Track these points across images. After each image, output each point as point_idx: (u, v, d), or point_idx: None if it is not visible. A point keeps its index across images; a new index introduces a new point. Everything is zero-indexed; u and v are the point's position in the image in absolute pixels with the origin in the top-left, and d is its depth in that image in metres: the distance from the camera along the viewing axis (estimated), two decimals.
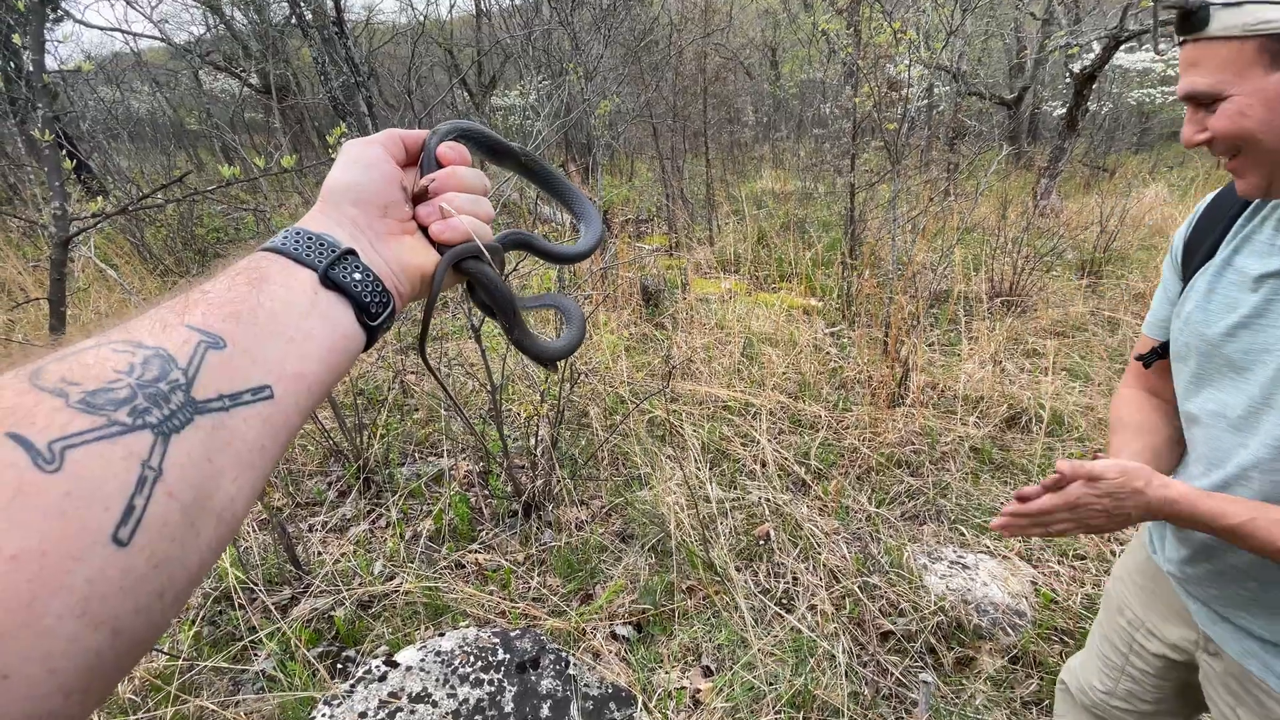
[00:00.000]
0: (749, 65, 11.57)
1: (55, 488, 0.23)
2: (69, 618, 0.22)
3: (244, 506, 0.30)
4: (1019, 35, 10.39)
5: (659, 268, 5.10)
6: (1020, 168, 9.01)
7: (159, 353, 0.28)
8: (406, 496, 2.50)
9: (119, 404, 0.26)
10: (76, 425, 0.24)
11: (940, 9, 4.54)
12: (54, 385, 0.25)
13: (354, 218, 0.42)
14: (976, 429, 2.86)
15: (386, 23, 11.57)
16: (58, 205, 1.51)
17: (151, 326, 0.30)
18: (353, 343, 0.38)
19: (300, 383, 0.34)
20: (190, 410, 0.28)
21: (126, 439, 0.25)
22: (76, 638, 0.22)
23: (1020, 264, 4.33)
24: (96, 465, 0.24)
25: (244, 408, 0.30)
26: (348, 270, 0.38)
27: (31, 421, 0.24)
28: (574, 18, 5.70)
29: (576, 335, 0.59)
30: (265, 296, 0.34)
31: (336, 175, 0.43)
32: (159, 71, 9.97)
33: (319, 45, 5.41)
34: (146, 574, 0.25)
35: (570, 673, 1.63)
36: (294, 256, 0.37)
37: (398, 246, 0.43)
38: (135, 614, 0.24)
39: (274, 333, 0.33)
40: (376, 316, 0.39)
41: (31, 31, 1.58)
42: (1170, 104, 10.94)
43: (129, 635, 0.24)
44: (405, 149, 0.47)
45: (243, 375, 0.31)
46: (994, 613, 1.91)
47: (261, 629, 1.88)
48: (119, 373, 0.27)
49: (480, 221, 0.47)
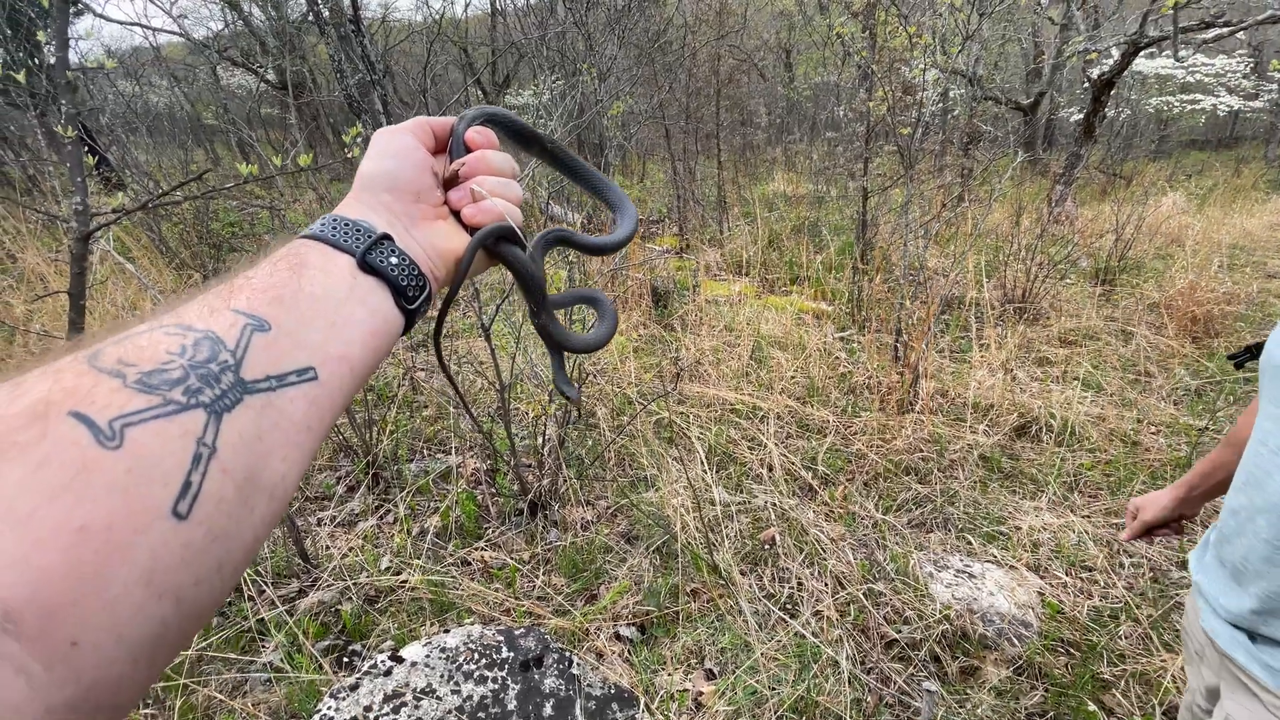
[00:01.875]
0: (763, 67, 11.54)
1: (117, 464, 0.24)
2: (135, 587, 0.23)
3: (293, 483, 0.31)
4: (1036, 40, 10.31)
5: (669, 269, 5.10)
6: (1036, 174, 8.93)
7: (208, 335, 0.29)
8: (414, 493, 2.52)
9: (173, 384, 0.27)
10: (135, 404, 0.25)
11: (957, 13, 4.52)
12: (111, 367, 0.26)
13: (388, 204, 0.43)
14: (986, 437, 2.84)
15: (402, 21, 11.65)
16: (79, 200, 1.53)
17: (200, 311, 0.31)
18: (392, 326, 0.39)
19: (343, 365, 0.34)
20: (240, 390, 0.29)
21: (182, 417, 0.26)
22: (142, 607, 0.23)
23: (1034, 271, 4.30)
24: (155, 442, 0.25)
25: (290, 388, 0.31)
26: (384, 255, 0.39)
27: (92, 401, 0.24)
28: (588, 18, 5.71)
29: (606, 332, 0.59)
30: (306, 281, 0.35)
31: (369, 164, 0.44)
32: (177, 66, 10.08)
33: (335, 43, 5.46)
34: (205, 547, 0.26)
35: (573, 672, 1.64)
36: (332, 242, 0.38)
37: (431, 231, 0.44)
38: (196, 585, 0.26)
39: (316, 316, 0.34)
40: (414, 300, 0.40)
41: (56, 27, 1.61)
42: (1189, 112, 10.80)
43: (190, 605, 0.25)
44: (434, 136, 0.47)
45: (288, 357, 0.32)
46: (1000, 623, 1.89)
47: (270, 621, 1.90)
48: (172, 354, 0.28)
49: (510, 204, 0.47)
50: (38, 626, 0.21)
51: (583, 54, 5.57)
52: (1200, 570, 0.92)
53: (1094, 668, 1.79)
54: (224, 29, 9.77)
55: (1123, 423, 2.96)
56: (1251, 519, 0.78)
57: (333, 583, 2.07)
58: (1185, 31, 5.46)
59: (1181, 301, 4.04)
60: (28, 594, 0.21)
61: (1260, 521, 0.77)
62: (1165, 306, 4.13)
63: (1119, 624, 1.93)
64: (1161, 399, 3.22)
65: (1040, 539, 2.28)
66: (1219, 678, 0.88)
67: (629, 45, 6.66)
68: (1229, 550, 0.83)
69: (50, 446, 0.23)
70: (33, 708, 0.21)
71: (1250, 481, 0.80)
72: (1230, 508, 0.85)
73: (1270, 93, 12.34)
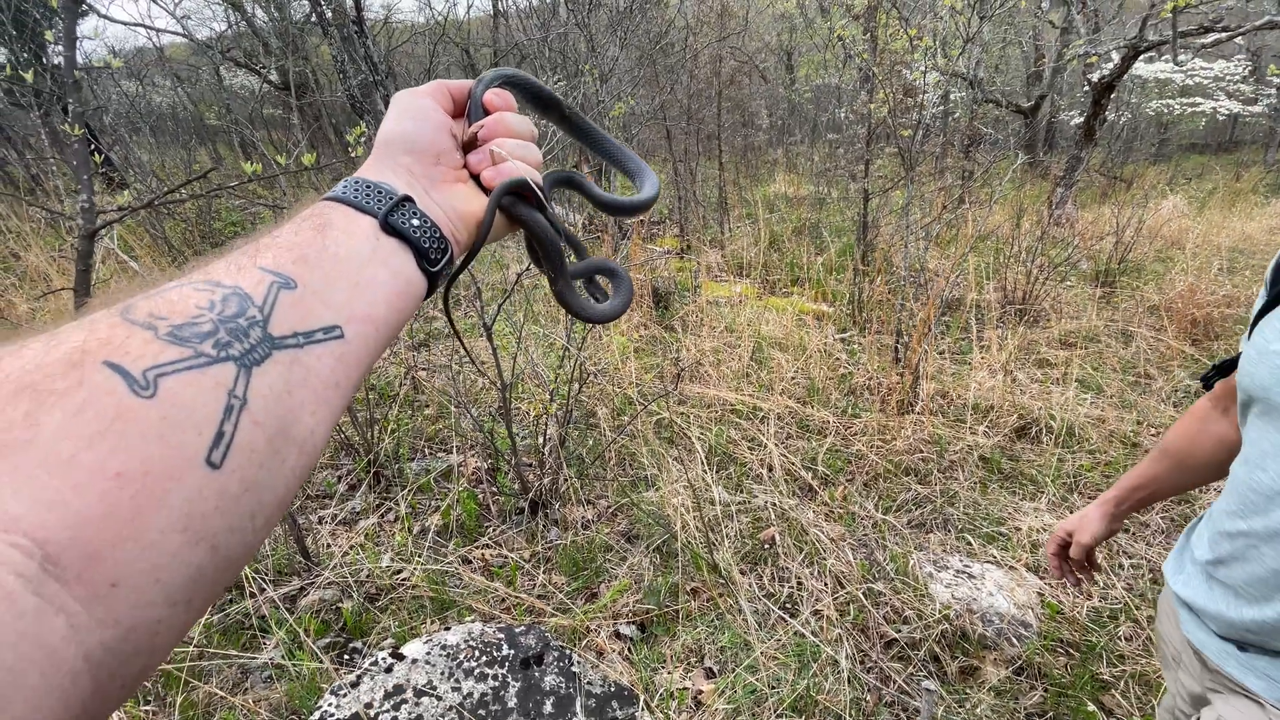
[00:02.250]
0: (764, 69, 11.56)
1: (152, 412, 0.24)
2: (171, 533, 0.24)
3: (323, 438, 0.32)
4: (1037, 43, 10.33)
5: (670, 270, 5.11)
6: (1036, 176, 8.95)
7: (236, 291, 0.30)
8: (415, 491, 2.53)
9: (203, 337, 0.27)
10: (167, 356, 0.26)
11: (958, 16, 4.53)
12: (144, 319, 0.27)
13: (408, 166, 0.43)
14: (986, 438, 2.85)
15: (405, 22, 11.67)
16: (85, 199, 1.54)
17: (227, 268, 0.31)
18: (415, 288, 0.39)
19: (368, 325, 0.35)
20: (268, 345, 0.29)
21: (213, 369, 0.27)
22: (179, 552, 0.24)
23: (1034, 273, 4.31)
24: (188, 393, 0.25)
25: (317, 345, 0.32)
26: (406, 217, 0.39)
27: (126, 351, 0.25)
28: (590, 20, 5.72)
29: (622, 303, 0.58)
30: (330, 241, 0.35)
31: (389, 126, 0.44)
32: (180, 67, 10.11)
33: (338, 43, 5.47)
34: (239, 495, 0.26)
35: (574, 670, 1.65)
36: (354, 204, 0.38)
37: (451, 194, 0.44)
38: (230, 532, 0.26)
39: (340, 276, 0.34)
40: (436, 263, 0.40)
41: (64, 28, 1.62)
42: (1189, 115, 10.82)
43: (225, 553, 0.26)
44: (453, 99, 0.47)
45: (314, 315, 0.32)
46: (999, 623, 1.90)
47: (271, 618, 1.91)
48: (201, 309, 0.28)
49: (529, 167, 0.47)
50: (78, 568, 0.21)
51: (585, 55, 5.58)
52: (1185, 585, 0.89)
53: (1093, 668, 1.80)
54: (227, 30, 9.79)
55: (1123, 424, 2.96)
56: (1255, 547, 0.75)
57: (334, 580, 2.07)
58: (1184, 36, 5.48)
59: (1181, 304, 4.05)
60: (68, 536, 0.21)
61: (1266, 550, 0.74)
62: (1165, 309, 4.14)
63: (1118, 624, 1.94)
64: (1161, 401, 3.23)
65: (1040, 540, 2.28)
66: (1202, 685, 0.86)
67: (631, 47, 6.67)
68: (1225, 573, 0.81)
69: (87, 394, 0.23)
70: (69, 651, 0.21)
71: (1250, 508, 0.76)
72: (1225, 531, 0.81)
73: (1269, 97, 12.35)
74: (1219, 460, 0.98)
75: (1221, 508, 0.83)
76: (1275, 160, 11.98)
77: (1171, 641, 0.94)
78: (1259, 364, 0.75)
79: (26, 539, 0.21)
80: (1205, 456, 0.99)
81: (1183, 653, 0.91)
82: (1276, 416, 0.73)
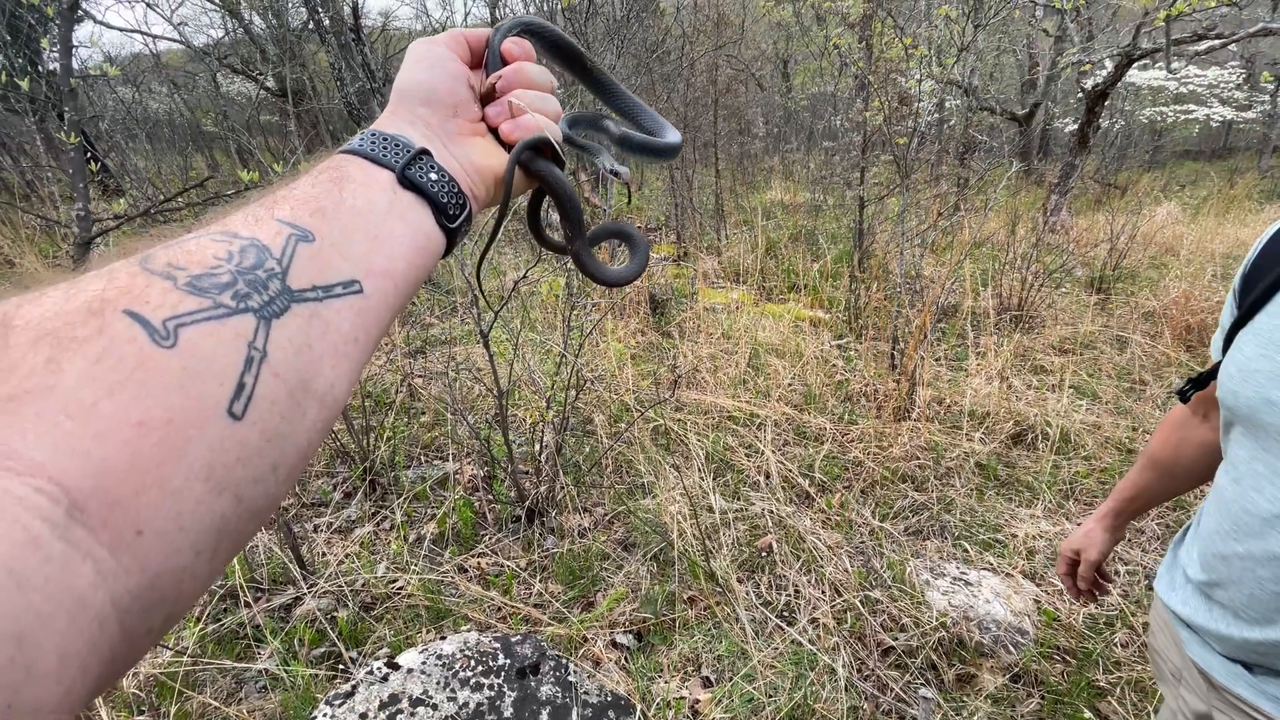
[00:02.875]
0: (760, 77, 11.62)
1: (173, 362, 0.24)
2: (195, 481, 0.24)
3: (344, 393, 0.31)
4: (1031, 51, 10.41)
5: (667, 277, 5.11)
6: (1031, 184, 9.00)
7: (254, 242, 0.30)
8: (411, 499, 2.52)
9: (222, 288, 0.27)
10: (187, 306, 0.26)
11: (952, 24, 4.57)
12: (162, 269, 0.26)
13: (425, 118, 0.42)
14: (982, 445, 2.86)
15: (402, 29, 11.71)
16: (81, 206, 1.54)
17: (245, 220, 0.31)
18: (433, 243, 0.38)
19: (387, 280, 0.34)
20: (287, 298, 0.29)
21: (232, 321, 0.26)
22: (203, 500, 0.24)
23: (1029, 280, 4.32)
24: (208, 343, 0.25)
25: (336, 299, 0.31)
26: (424, 170, 0.38)
27: (146, 300, 0.25)
28: (587, 28, 5.75)
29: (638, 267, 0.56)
30: (348, 194, 0.35)
31: (405, 75, 0.42)
32: (177, 73, 10.12)
33: (336, 51, 5.49)
34: (261, 447, 0.26)
35: (570, 680, 1.64)
36: (371, 157, 0.37)
37: (469, 148, 0.43)
38: (254, 483, 0.26)
39: (358, 229, 0.34)
40: (455, 219, 0.39)
41: (60, 35, 1.62)
42: (1182, 122, 10.91)
43: (248, 504, 0.26)
44: (470, 49, 0.46)
45: (333, 268, 0.32)
46: (996, 630, 1.90)
47: (265, 628, 1.89)
48: (219, 259, 0.28)
49: (548, 119, 0.46)
50: (103, 515, 0.21)
51: None
52: (1184, 604, 0.86)
53: (1090, 675, 1.80)
54: (224, 36, 9.81)
55: (1118, 431, 2.97)
56: (1252, 570, 0.73)
57: (329, 589, 2.06)
58: (1178, 44, 5.53)
59: (1176, 310, 4.07)
60: (92, 484, 0.21)
61: (1264, 573, 0.72)
62: (1160, 315, 4.16)
63: (1114, 631, 1.94)
64: (1156, 407, 3.24)
65: (1036, 546, 2.28)
66: (1208, 704, 0.84)
67: (628, 55, 6.70)
68: (1223, 594, 0.79)
69: (107, 342, 0.23)
70: (97, 596, 0.21)
71: (1244, 531, 0.74)
72: (1218, 553, 0.78)
73: (1263, 104, 12.47)
74: (1205, 465, 0.98)
75: (1212, 527, 0.80)
76: (1269, 167, 12.08)
77: (1170, 658, 0.92)
78: (1242, 383, 0.73)
79: (53, 485, 0.20)
80: (1190, 464, 0.99)
81: (1185, 670, 0.88)
82: (1265, 436, 0.71)
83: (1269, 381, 0.70)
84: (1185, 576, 0.87)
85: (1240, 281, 0.80)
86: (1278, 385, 0.69)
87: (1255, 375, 0.72)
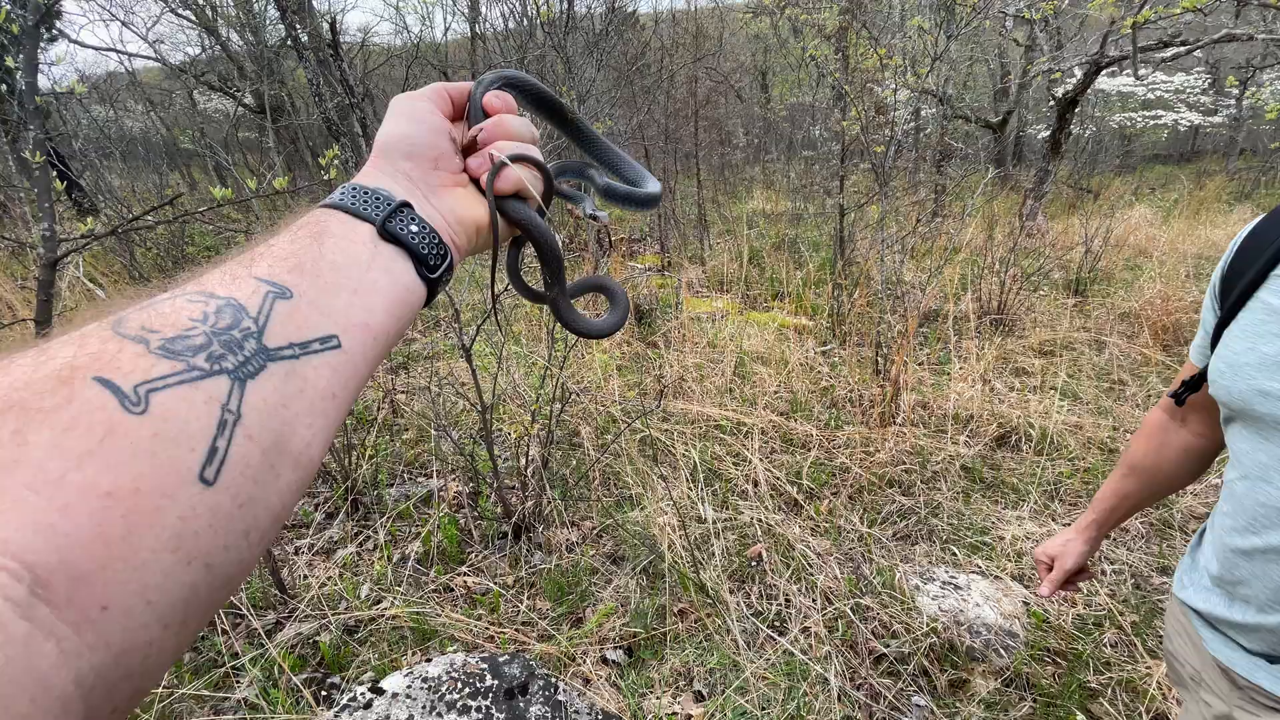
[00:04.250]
0: (739, 89, 11.75)
1: (143, 429, 0.24)
2: (163, 552, 0.23)
3: (319, 451, 0.31)
4: (1003, 61, 10.63)
5: (651, 287, 5.12)
6: (1006, 190, 9.15)
7: (230, 302, 0.29)
8: (395, 518, 2.48)
9: (196, 350, 0.27)
10: (159, 370, 0.25)
11: (925, 35, 4.65)
12: (135, 333, 0.26)
13: (407, 171, 0.42)
14: (967, 448, 2.87)
15: (382, 45, 11.71)
16: (46, 226, 1.50)
17: (222, 278, 0.31)
18: (414, 295, 0.39)
19: (366, 333, 0.34)
20: (263, 357, 0.29)
21: (205, 383, 0.26)
22: (171, 571, 0.23)
23: (1008, 284, 4.38)
24: (180, 408, 0.25)
25: (314, 356, 0.31)
26: (405, 223, 0.39)
27: (117, 366, 0.24)
28: (567, 42, 5.78)
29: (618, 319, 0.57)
30: (327, 249, 0.35)
31: (387, 130, 0.43)
32: (153, 91, 10.02)
33: (314, 67, 5.46)
34: (233, 513, 0.26)
35: (560, 699, 1.61)
36: (352, 211, 0.38)
37: (451, 199, 0.43)
38: (225, 550, 0.25)
39: (338, 284, 0.34)
40: (435, 269, 0.40)
41: (25, 54, 1.59)
42: (1151, 127, 11.18)
43: (220, 571, 0.25)
44: (452, 102, 0.47)
45: (311, 325, 0.31)
46: (986, 634, 1.89)
47: (244, 654, 1.84)
48: (194, 321, 0.28)
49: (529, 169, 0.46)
50: (67, 591, 0.21)
51: (562, 77, 5.63)
52: (1204, 601, 0.86)
53: (1080, 676, 1.80)
54: (201, 54, 9.74)
55: (1099, 430, 3.00)
56: (1274, 562, 0.74)
57: (311, 613, 2.01)
58: (1144, 51, 5.67)
59: (1152, 311, 4.14)
60: (57, 559, 0.21)
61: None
62: (1137, 316, 4.23)
63: (1103, 631, 1.95)
64: (1136, 406, 3.28)
65: (1024, 548, 2.29)
66: (1230, 704, 0.84)
67: (608, 68, 6.74)
68: (1246, 590, 0.79)
69: (77, 411, 0.23)
70: (61, 676, 0.20)
71: (1261, 523, 0.74)
72: (1238, 549, 0.78)
73: (1228, 108, 12.82)
74: (1187, 469, 0.99)
75: (1228, 525, 0.80)
76: (1236, 169, 12.41)
77: (1189, 662, 0.92)
78: (1234, 378, 0.75)
79: (15, 562, 0.20)
80: (1172, 468, 1.00)
81: (1205, 672, 0.88)
82: (1263, 427, 0.73)
83: (1258, 372, 0.72)
84: (1206, 575, 0.87)
85: (1220, 283, 0.82)
86: (1267, 375, 0.71)
87: (1244, 368, 0.73)
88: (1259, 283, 0.75)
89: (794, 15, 7.76)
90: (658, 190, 0.56)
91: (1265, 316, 0.73)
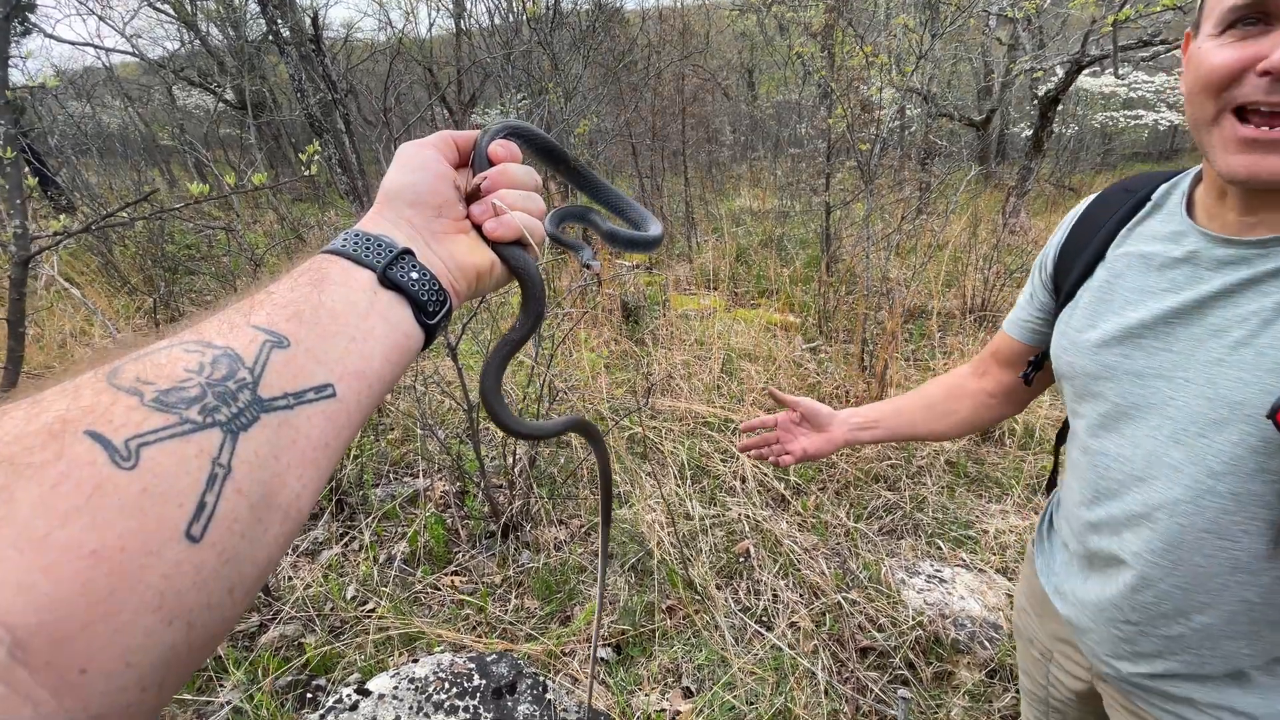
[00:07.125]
0: (726, 86, 11.76)
1: (132, 484, 0.23)
2: (145, 612, 0.23)
3: (308, 503, 0.31)
4: (986, 59, 10.73)
5: (639, 284, 5.11)
6: (990, 187, 9.25)
7: (227, 352, 0.29)
8: (380, 519, 2.45)
9: (190, 402, 0.26)
10: (151, 423, 0.25)
11: (910, 34, 4.68)
12: (129, 384, 0.26)
13: (410, 218, 0.43)
14: (951, 443, 2.90)
15: (365, 40, 11.58)
16: (19, 224, 1.47)
17: (220, 327, 0.31)
18: (412, 341, 0.39)
19: (361, 380, 0.34)
20: (257, 409, 0.28)
21: (197, 437, 0.26)
22: (152, 632, 0.23)
23: (991, 280, 4.42)
24: (170, 462, 0.25)
25: (308, 406, 0.31)
26: (405, 270, 0.39)
27: (109, 419, 0.24)
28: (554, 38, 5.75)
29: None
30: (326, 296, 0.35)
31: (392, 177, 0.44)
32: (132, 86, 9.84)
33: (296, 62, 5.39)
34: (217, 569, 0.25)
35: (548, 697, 1.60)
36: (353, 257, 0.38)
37: (453, 245, 0.44)
38: (208, 609, 0.25)
39: (336, 332, 0.34)
40: (434, 315, 0.40)
41: None
42: (1132, 126, 11.34)
43: (202, 629, 0.25)
44: (457, 149, 0.48)
45: (307, 374, 0.31)
46: (971, 626, 1.92)
47: (227, 658, 1.82)
48: (189, 371, 0.27)
49: (532, 217, 0.47)
50: (46, 654, 0.20)
51: (548, 73, 5.61)
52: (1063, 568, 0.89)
53: None
54: (180, 49, 9.58)
55: None
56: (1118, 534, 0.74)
57: (295, 615, 1.99)
58: (1125, 50, 5.74)
59: None
60: (36, 621, 0.20)
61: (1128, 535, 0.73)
62: None
63: None
64: None
65: (1007, 541, 2.32)
66: (1088, 675, 0.88)
67: (595, 65, 6.72)
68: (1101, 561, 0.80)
69: (66, 466, 0.23)
70: None
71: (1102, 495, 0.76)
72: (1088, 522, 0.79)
73: None
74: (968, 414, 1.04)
75: (1075, 499, 0.82)
76: None
77: (1039, 639, 0.96)
78: (1076, 354, 0.78)
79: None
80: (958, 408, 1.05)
81: (1055, 648, 0.93)
82: (1102, 401, 0.76)
83: (1099, 348, 0.75)
84: (1064, 548, 0.89)
85: (1053, 265, 0.85)
86: (1107, 350, 0.74)
87: (1084, 345, 0.77)
88: (1095, 263, 0.78)
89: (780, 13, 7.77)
90: (660, 234, 0.58)
91: (1104, 294, 0.76)
